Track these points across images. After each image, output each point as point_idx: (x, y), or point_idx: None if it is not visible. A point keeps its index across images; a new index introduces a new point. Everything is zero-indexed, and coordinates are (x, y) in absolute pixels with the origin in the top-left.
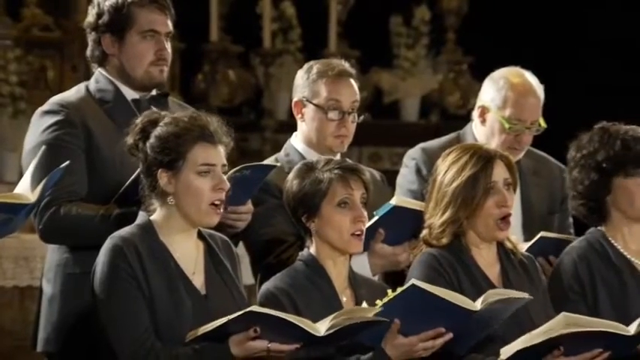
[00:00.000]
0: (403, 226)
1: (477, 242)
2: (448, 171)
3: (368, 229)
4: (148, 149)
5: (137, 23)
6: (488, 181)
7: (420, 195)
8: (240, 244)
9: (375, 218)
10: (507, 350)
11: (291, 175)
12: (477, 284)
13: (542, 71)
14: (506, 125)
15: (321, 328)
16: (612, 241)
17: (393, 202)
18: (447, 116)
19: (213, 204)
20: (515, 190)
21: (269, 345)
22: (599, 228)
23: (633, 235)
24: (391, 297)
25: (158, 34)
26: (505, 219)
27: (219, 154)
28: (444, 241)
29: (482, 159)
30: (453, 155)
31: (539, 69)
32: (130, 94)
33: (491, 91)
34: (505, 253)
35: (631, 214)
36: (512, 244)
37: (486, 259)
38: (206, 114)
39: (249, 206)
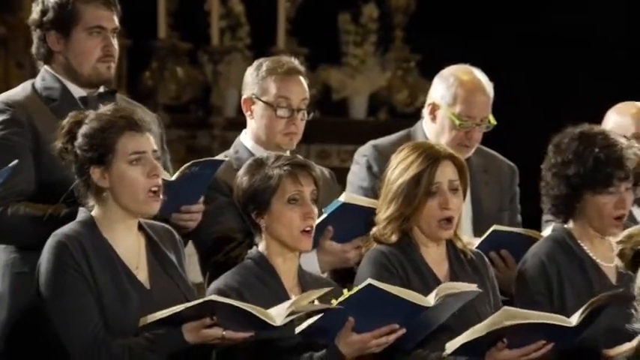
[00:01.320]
0: (352, 223)
1: (424, 240)
2: (396, 167)
3: (317, 226)
4: (77, 149)
5: (83, 20)
6: (431, 181)
7: (371, 192)
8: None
9: (324, 215)
10: (452, 345)
11: (241, 172)
12: (425, 282)
13: (489, 69)
14: (457, 122)
15: (276, 317)
16: (579, 241)
17: (342, 199)
18: (395, 114)
19: (150, 191)
20: (465, 193)
21: (224, 332)
22: (565, 226)
23: (600, 239)
24: (347, 296)
25: (104, 30)
26: (448, 220)
27: (147, 140)
28: (393, 238)
29: (429, 159)
30: (404, 152)
31: (486, 67)
32: (77, 91)
33: (441, 88)
34: (454, 252)
35: (598, 227)
36: (462, 243)
37: (435, 257)
38: (130, 105)
39: (200, 205)
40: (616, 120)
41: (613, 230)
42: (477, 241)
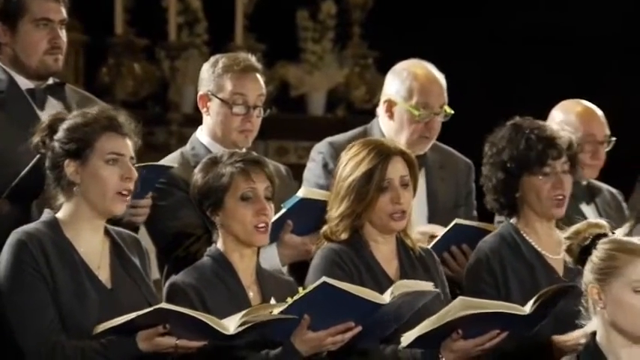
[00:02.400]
0: (311, 216)
1: (375, 236)
2: (347, 164)
3: (276, 220)
4: (56, 142)
5: (30, 12)
6: (383, 177)
7: (327, 189)
8: (147, 238)
9: (283, 210)
10: (407, 337)
11: (196, 169)
12: (376, 280)
13: (446, 66)
14: (416, 113)
15: (230, 326)
16: (524, 235)
17: (300, 194)
18: (353, 110)
19: (120, 193)
20: (415, 188)
21: (177, 342)
22: (511, 222)
23: (545, 230)
24: (302, 294)
25: (52, 22)
26: (400, 214)
27: (127, 145)
28: (344, 235)
29: (380, 155)
30: (354, 149)
31: (443, 64)
32: (25, 83)
33: (395, 83)
34: (404, 249)
35: (539, 211)
36: (411, 241)
37: (385, 254)
38: (114, 108)
39: (147, 200)
40: (561, 118)
41: (554, 212)
42: (441, 230)
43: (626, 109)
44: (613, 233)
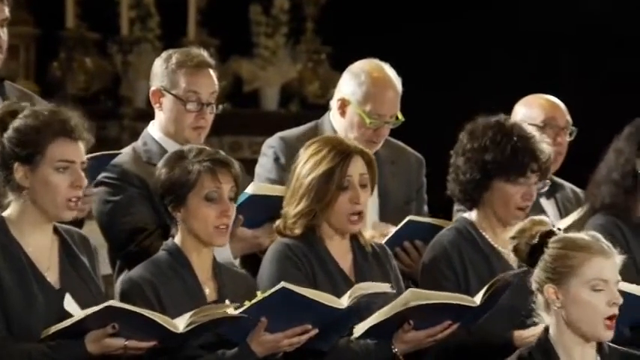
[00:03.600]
0: (261, 210)
1: (330, 234)
2: (307, 162)
3: None
4: (5, 141)
5: None
6: (343, 176)
7: (278, 183)
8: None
9: (234, 206)
10: (360, 328)
11: (161, 163)
12: (330, 275)
13: (399, 61)
14: (367, 120)
15: (180, 324)
16: (480, 231)
17: (249, 190)
18: (307, 105)
19: (70, 200)
20: (373, 188)
21: (126, 342)
22: (466, 216)
23: (500, 227)
24: (260, 298)
25: None
26: (358, 215)
27: (78, 150)
28: (297, 231)
29: (340, 154)
30: (314, 147)
31: (396, 59)
32: None
33: (351, 84)
34: (358, 245)
35: (502, 215)
36: (364, 238)
37: (339, 250)
38: (67, 108)
39: (92, 189)
40: (524, 112)
41: (515, 221)
42: (393, 229)
43: (581, 105)
44: (559, 229)
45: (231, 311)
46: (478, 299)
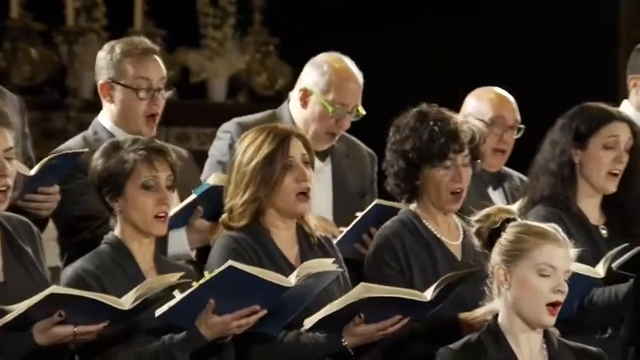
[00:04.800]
0: (221, 202)
1: (276, 222)
2: (246, 151)
3: (186, 206)
4: None
5: None
6: (286, 157)
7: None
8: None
9: (193, 196)
10: (310, 320)
11: (97, 154)
12: (277, 265)
13: (348, 54)
14: (330, 109)
15: (126, 302)
16: (423, 221)
17: (211, 181)
18: (255, 97)
19: None
20: (312, 167)
21: (75, 329)
22: (410, 208)
23: (442, 217)
24: (208, 278)
25: None
26: (305, 194)
27: (3, 139)
28: (243, 223)
29: (279, 137)
30: (250, 136)
31: (345, 51)
32: None
33: (314, 75)
34: (304, 235)
35: (436, 203)
36: (309, 228)
37: (285, 240)
38: None
39: (56, 188)
40: (474, 105)
41: (450, 206)
42: (337, 229)
43: (527, 101)
44: (522, 219)
45: (172, 281)
46: (429, 294)
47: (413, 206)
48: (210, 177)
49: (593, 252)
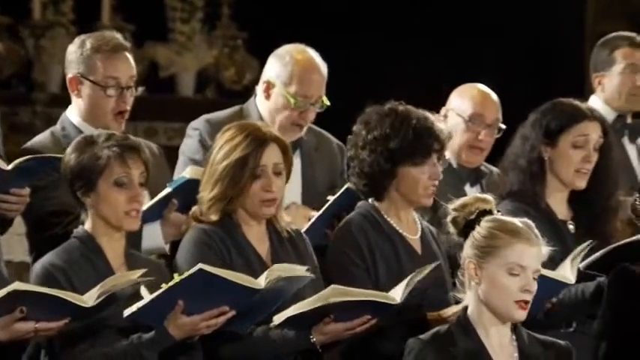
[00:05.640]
0: (196, 196)
1: (246, 219)
2: (222, 148)
3: (161, 199)
4: None
5: None
6: (257, 165)
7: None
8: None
9: (168, 189)
10: (279, 317)
11: (70, 149)
12: (247, 260)
13: (316, 47)
14: (292, 101)
15: (89, 299)
16: (384, 216)
17: (187, 174)
18: (223, 91)
19: None
20: (288, 175)
21: (36, 325)
22: (370, 201)
23: (406, 212)
24: (177, 280)
25: None
26: (273, 201)
27: None
28: (214, 217)
29: (255, 142)
30: (230, 133)
31: (313, 45)
32: None
33: (276, 67)
34: (275, 230)
35: (412, 199)
36: (280, 225)
37: (256, 235)
38: None
39: (27, 190)
40: (456, 101)
41: (426, 201)
42: (315, 213)
43: (501, 98)
44: (498, 211)
45: (136, 279)
46: (398, 296)
47: (374, 201)
48: (186, 170)
49: (561, 248)
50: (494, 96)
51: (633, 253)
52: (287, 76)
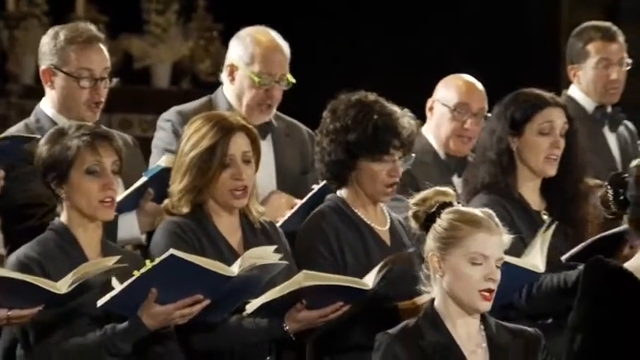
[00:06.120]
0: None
1: (217, 210)
2: (190, 139)
3: (137, 189)
4: None
5: None
6: (225, 154)
7: None
8: None
9: (144, 179)
10: (252, 305)
11: (42, 141)
12: (219, 252)
13: (292, 37)
14: (256, 80)
15: (62, 286)
16: (352, 207)
17: (162, 163)
18: (199, 83)
19: None
20: (257, 163)
21: (9, 313)
22: (338, 194)
23: (371, 204)
24: (149, 267)
25: None
26: (244, 190)
27: None
28: (185, 209)
29: (222, 131)
30: (197, 123)
31: (290, 34)
32: None
33: (238, 49)
34: (247, 222)
35: (371, 193)
36: (253, 215)
37: (228, 226)
38: None
39: (1, 172)
40: (442, 91)
41: (384, 197)
42: (298, 201)
43: None
44: (459, 203)
45: (109, 265)
46: (370, 281)
47: (340, 192)
48: (162, 159)
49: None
50: (479, 85)
51: (612, 244)
52: (249, 56)
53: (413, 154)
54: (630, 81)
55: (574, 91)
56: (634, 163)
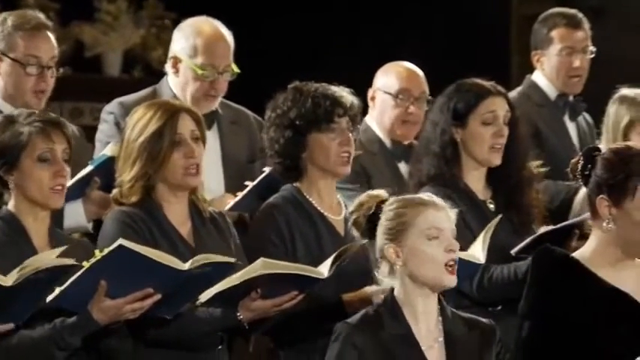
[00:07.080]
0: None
1: (168, 197)
2: (135, 127)
3: (83, 177)
4: None
5: None
6: (174, 133)
7: None
8: None
9: (90, 167)
10: (206, 294)
11: None
12: (170, 241)
13: (247, 25)
14: (199, 72)
15: (9, 279)
16: (307, 196)
17: (108, 152)
18: (150, 71)
19: None
20: (204, 144)
21: None
22: (294, 185)
23: (327, 189)
24: (98, 257)
25: None
26: (197, 167)
27: None
28: (134, 198)
29: (168, 112)
30: (139, 112)
31: (245, 23)
32: None
33: (180, 40)
34: (196, 210)
35: (327, 168)
36: (202, 204)
37: (178, 215)
38: None
39: None
40: (382, 79)
41: (341, 169)
42: (232, 199)
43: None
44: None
45: (59, 260)
46: (325, 270)
47: (296, 184)
48: (107, 147)
49: (484, 227)
50: (418, 70)
51: (561, 237)
52: (191, 48)
53: (358, 126)
54: (592, 71)
55: (538, 77)
56: (613, 145)
